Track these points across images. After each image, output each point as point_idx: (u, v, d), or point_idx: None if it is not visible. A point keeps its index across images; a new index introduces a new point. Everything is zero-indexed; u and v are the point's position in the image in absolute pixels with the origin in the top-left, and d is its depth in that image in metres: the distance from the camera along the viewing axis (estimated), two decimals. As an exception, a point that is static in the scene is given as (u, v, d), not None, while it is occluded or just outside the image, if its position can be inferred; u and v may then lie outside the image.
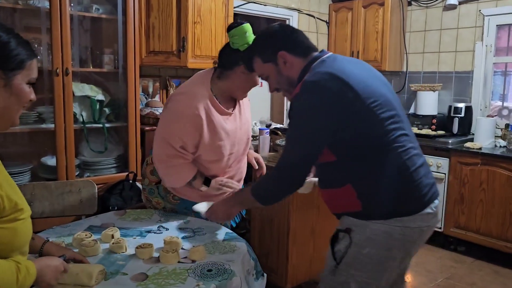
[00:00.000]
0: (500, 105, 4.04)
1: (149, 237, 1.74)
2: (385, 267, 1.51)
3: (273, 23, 1.68)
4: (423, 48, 4.41)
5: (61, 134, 2.71)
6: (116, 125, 3.08)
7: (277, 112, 4.79)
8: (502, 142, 3.66)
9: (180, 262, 1.51)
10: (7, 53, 1.09)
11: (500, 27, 3.94)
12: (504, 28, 3.94)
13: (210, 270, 1.46)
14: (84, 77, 2.99)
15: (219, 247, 1.66)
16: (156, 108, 3.25)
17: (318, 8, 4.63)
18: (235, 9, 3.71)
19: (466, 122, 3.95)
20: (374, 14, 4.31)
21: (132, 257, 1.54)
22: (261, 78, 1.70)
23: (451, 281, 3.17)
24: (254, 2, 4.05)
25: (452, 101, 4.17)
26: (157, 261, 1.52)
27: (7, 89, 1.11)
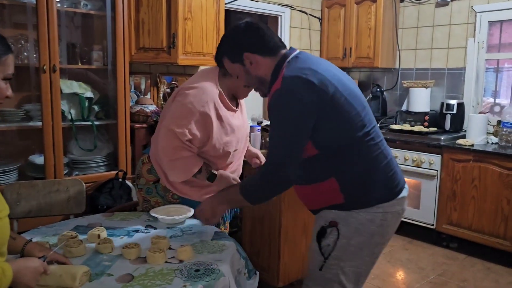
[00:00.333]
0: (492, 101, 4.04)
1: (137, 237, 1.71)
2: (370, 253, 1.58)
3: (245, 21, 1.63)
4: (416, 44, 4.40)
5: (49, 132, 2.66)
6: (106, 122, 3.04)
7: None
8: (494, 139, 3.66)
9: (168, 262, 1.49)
10: None
11: (492, 23, 3.94)
12: (496, 24, 3.94)
13: (197, 270, 1.44)
14: (72, 74, 2.95)
15: (208, 247, 1.63)
16: (147, 105, 3.21)
17: (310, 5, 4.60)
18: (227, 5, 3.67)
19: (458, 119, 3.95)
20: (366, 10, 4.29)
21: (119, 258, 1.51)
22: (233, 76, 1.73)
23: (443, 277, 3.17)
24: (246, -2, 4.02)
25: (445, 97, 4.16)
26: (144, 261, 1.49)
27: None
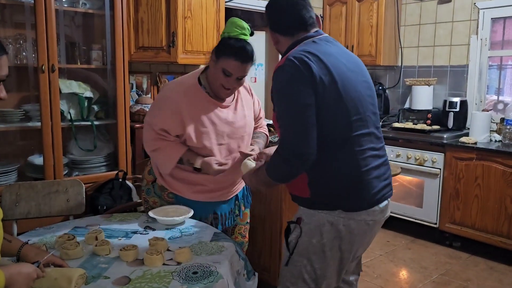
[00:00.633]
0: (495, 99, 4.00)
1: (135, 238, 1.69)
2: (332, 257, 1.56)
3: None
4: (418, 42, 4.37)
5: (48, 133, 2.65)
6: (106, 122, 3.02)
7: (271, 107, 4.72)
8: (498, 137, 3.62)
9: (165, 264, 1.47)
10: None
11: (495, 20, 3.90)
12: (499, 21, 3.90)
13: (195, 272, 1.42)
14: (71, 74, 2.92)
15: (206, 248, 1.61)
16: (147, 105, 3.19)
17: (312, 2, 4.55)
18: (227, 3, 3.65)
19: (461, 117, 3.92)
20: (368, 8, 4.26)
21: (116, 260, 1.50)
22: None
23: (447, 277, 3.14)
24: (246, -4, 3.98)
25: (447, 95, 4.13)
26: (142, 263, 1.47)
27: None
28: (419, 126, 3.96)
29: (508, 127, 3.52)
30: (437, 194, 3.69)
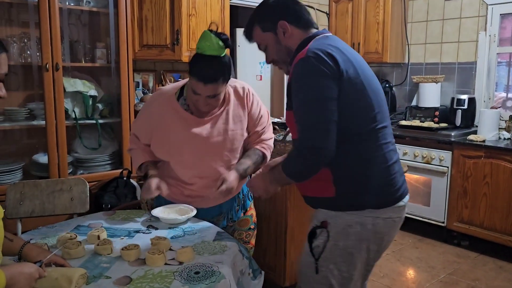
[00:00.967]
0: (504, 96, 3.95)
1: (137, 238, 1.68)
2: (359, 259, 1.51)
3: None
4: (425, 39, 4.31)
5: (52, 131, 2.64)
6: (110, 121, 3.01)
7: (276, 106, 4.71)
8: (506, 134, 3.57)
9: (167, 264, 1.45)
10: None
11: (504, 16, 3.84)
12: (508, 17, 3.84)
13: (197, 272, 1.40)
14: (76, 72, 2.92)
15: (209, 248, 1.59)
16: (151, 103, 3.18)
17: (317, -1, 4.53)
18: (232, 1, 3.62)
19: (469, 114, 3.87)
20: (375, 4, 4.21)
21: (118, 259, 1.48)
22: (260, 48, 1.64)
23: (454, 276, 3.10)
24: (251, -6, 3.96)
25: (455, 92, 4.08)
26: (143, 263, 1.45)
27: None
28: (426, 124, 3.91)
29: (517, 124, 3.47)
30: (444, 192, 3.64)
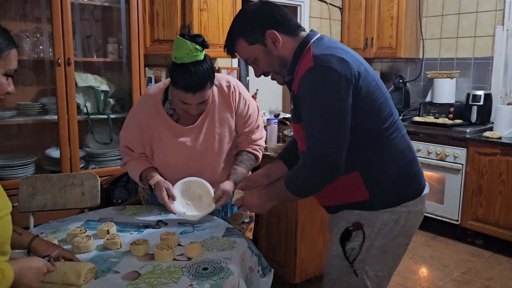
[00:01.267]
0: (521, 92, 3.86)
1: (147, 233, 1.68)
2: (392, 256, 1.49)
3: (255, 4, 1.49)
4: (440, 33, 4.23)
5: (64, 126, 2.66)
6: (122, 116, 3.02)
7: (288, 102, 4.68)
8: (524, 131, 3.49)
9: (176, 259, 1.44)
10: None
11: (523, 10, 3.74)
12: (527, 11, 3.74)
13: (205, 268, 1.39)
14: (87, 67, 2.93)
15: (218, 244, 1.58)
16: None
17: (330, -6, 4.48)
18: (243, -5, 3.59)
19: (485, 111, 3.79)
20: (389, -2, 4.15)
21: (126, 254, 1.48)
22: (247, 63, 1.52)
23: (468, 276, 3.05)
24: (264, -12, 3.92)
25: (471, 88, 4.00)
26: (152, 258, 1.45)
27: None
28: (441, 120, 3.85)
29: (534, 121, 3.38)
30: (459, 190, 3.58)
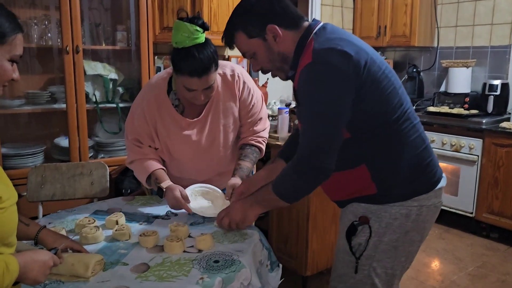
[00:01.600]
0: (540, 82, 3.75)
1: (156, 223, 1.64)
2: (404, 253, 1.42)
3: None
4: (456, 21, 4.12)
5: (73, 115, 2.63)
6: (131, 104, 2.97)
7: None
8: (542, 122, 3.39)
9: (186, 251, 1.40)
10: None
11: (543, -4, 3.62)
12: (547, -3, 3.62)
13: (217, 261, 1.35)
14: (96, 55, 2.89)
15: (229, 236, 1.53)
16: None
17: (343, -20, 4.38)
18: (254, -18, 3.52)
19: (502, 101, 3.68)
20: (403, -15, 4.04)
21: (136, 246, 1.44)
22: (245, 56, 1.43)
23: (483, 270, 2.98)
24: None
25: (487, 78, 3.89)
26: (161, 250, 1.41)
27: None
28: (456, 111, 3.76)
29: (554, 111, 3.29)
30: (474, 182, 3.50)
